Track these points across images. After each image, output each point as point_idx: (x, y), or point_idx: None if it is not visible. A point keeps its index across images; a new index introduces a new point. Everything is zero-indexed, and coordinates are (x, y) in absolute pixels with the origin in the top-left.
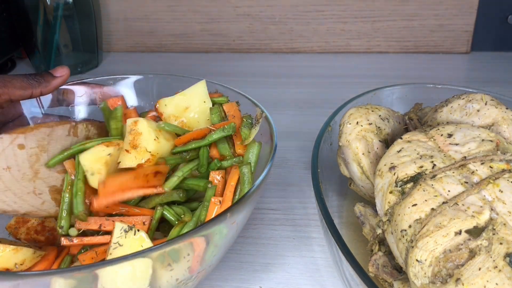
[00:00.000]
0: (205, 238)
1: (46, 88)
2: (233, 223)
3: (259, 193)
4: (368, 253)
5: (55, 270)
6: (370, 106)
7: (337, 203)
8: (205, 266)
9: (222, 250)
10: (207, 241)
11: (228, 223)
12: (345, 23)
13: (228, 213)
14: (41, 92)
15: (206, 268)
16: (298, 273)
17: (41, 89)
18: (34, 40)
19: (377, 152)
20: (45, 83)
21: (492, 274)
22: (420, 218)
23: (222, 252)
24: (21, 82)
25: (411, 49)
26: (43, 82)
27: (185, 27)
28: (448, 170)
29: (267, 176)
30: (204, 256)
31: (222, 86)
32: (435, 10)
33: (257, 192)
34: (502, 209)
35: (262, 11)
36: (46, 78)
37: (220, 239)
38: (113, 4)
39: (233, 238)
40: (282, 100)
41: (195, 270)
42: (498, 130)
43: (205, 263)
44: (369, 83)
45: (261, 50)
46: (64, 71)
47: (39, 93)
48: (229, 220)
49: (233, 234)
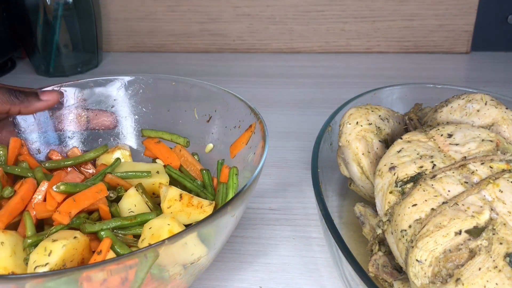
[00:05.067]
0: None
1: (26, 109)
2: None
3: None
4: (368, 253)
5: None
6: (370, 106)
7: (337, 203)
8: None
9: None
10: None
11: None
12: (345, 23)
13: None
14: (20, 111)
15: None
16: (298, 273)
17: (20, 108)
18: (34, 40)
19: (377, 152)
20: (27, 103)
21: (492, 274)
22: (420, 218)
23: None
24: (1, 95)
25: (411, 49)
26: (25, 101)
27: (185, 27)
28: (448, 170)
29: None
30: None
31: (214, 86)
32: (435, 10)
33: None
34: (502, 209)
35: (262, 11)
36: (29, 98)
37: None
38: (113, 4)
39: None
40: (282, 100)
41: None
42: (498, 130)
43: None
44: (369, 83)
45: (261, 50)
46: (53, 97)
47: (17, 111)
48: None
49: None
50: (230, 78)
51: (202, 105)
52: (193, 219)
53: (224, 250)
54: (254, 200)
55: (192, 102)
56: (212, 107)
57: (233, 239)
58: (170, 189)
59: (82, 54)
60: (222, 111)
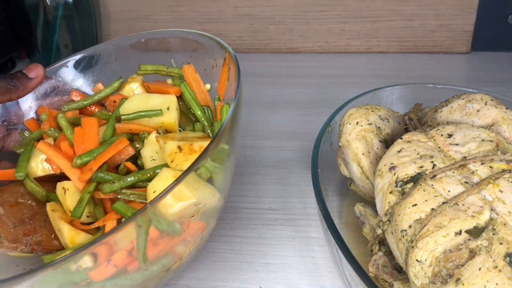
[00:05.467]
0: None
1: (24, 92)
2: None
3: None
4: (368, 253)
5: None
6: (370, 106)
7: (337, 203)
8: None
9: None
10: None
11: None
12: (345, 23)
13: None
14: (19, 96)
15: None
16: (298, 273)
17: (18, 93)
18: (34, 40)
19: (377, 152)
20: (22, 87)
21: (492, 274)
22: (420, 218)
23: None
24: (0, 89)
25: (411, 49)
26: (20, 86)
27: (185, 27)
28: (448, 170)
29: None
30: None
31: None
32: (435, 10)
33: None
34: (502, 209)
35: (262, 11)
36: (22, 81)
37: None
38: (113, 4)
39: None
40: (282, 100)
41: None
42: (498, 130)
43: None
44: (369, 83)
45: (261, 50)
46: (39, 70)
47: (16, 97)
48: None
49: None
50: None
51: (178, 54)
52: None
53: (224, 250)
54: (254, 200)
55: (167, 53)
56: (187, 54)
57: (233, 239)
58: (167, 144)
59: None
60: (197, 55)
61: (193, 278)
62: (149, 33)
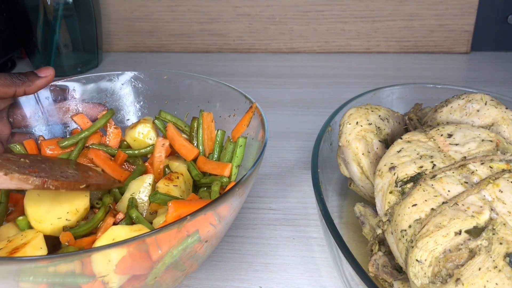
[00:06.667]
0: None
1: (30, 88)
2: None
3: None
4: (368, 253)
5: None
6: (370, 106)
7: (337, 203)
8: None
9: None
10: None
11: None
12: (345, 23)
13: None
14: (25, 91)
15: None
16: (298, 273)
17: (24, 88)
18: (34, 40)
19: (377, 152)
20: (29, 83)
21: (492, 274)
22: (420, 218)
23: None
24: (4, 79)
25: (411, 49)
26: (26, 81)
27: (185, 27)
28: (448, 170)
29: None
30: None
31: (216, 81)
32: (435, 10)
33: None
34: (502, 209)
35: (262, 11)
36: (30, 78)
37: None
38: (113, 4)
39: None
40: (282, 100)
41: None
42: (498, 130)
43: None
44: (369, 83)
45: (261, 50)
46: (49, 71)
47: (22, 92)
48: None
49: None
50: (230, 78)
51: (197, 99)
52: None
53: (224, 250)
54: (254, 200)
55: (192, 97)
56: (206, 100)
57: (233, 239)
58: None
59: (82, 54)
60: (216, 102)
61: (193, 278)
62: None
